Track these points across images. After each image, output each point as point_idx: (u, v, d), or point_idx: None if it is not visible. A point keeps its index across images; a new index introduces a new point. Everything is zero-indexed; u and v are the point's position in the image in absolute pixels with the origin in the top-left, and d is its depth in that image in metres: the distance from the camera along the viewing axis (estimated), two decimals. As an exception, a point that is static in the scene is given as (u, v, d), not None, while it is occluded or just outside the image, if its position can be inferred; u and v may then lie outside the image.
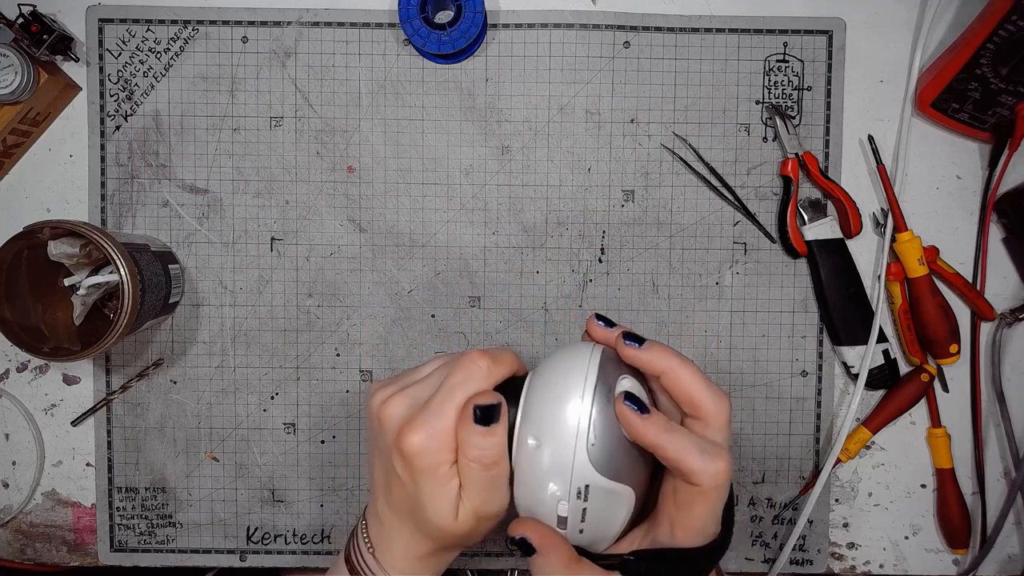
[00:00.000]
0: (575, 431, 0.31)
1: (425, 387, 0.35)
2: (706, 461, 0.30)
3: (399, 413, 0.34)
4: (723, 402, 0.32)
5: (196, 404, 0.53)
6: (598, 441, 0.31)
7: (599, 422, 0.31)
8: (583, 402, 0.32)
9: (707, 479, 0.30)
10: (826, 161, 0.53)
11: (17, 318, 0.45)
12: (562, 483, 0.31)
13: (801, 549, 0.53)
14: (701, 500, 0.30)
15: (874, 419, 0.52)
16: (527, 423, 0.33)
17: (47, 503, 0.54)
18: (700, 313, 0.53)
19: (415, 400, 0.35)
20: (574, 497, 0.31)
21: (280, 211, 0.53)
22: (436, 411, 0.33)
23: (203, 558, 0.53)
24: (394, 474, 0.34)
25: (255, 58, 0.52)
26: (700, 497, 0.30)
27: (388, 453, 0.35)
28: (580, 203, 0.53)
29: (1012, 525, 0.53)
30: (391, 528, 0.36)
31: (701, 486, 0.30)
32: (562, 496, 0.31)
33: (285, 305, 0.53)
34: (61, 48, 0.50)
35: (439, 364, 0.36)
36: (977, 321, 0.53)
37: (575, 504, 0.31)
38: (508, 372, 0.35)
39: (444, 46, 0.49)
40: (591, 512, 0.32)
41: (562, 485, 0.31)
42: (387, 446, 0.35)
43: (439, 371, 0.36)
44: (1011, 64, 0.46)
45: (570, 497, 0.31)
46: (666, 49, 0.52)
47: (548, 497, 0.32)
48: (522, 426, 0.33)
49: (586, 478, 0.31)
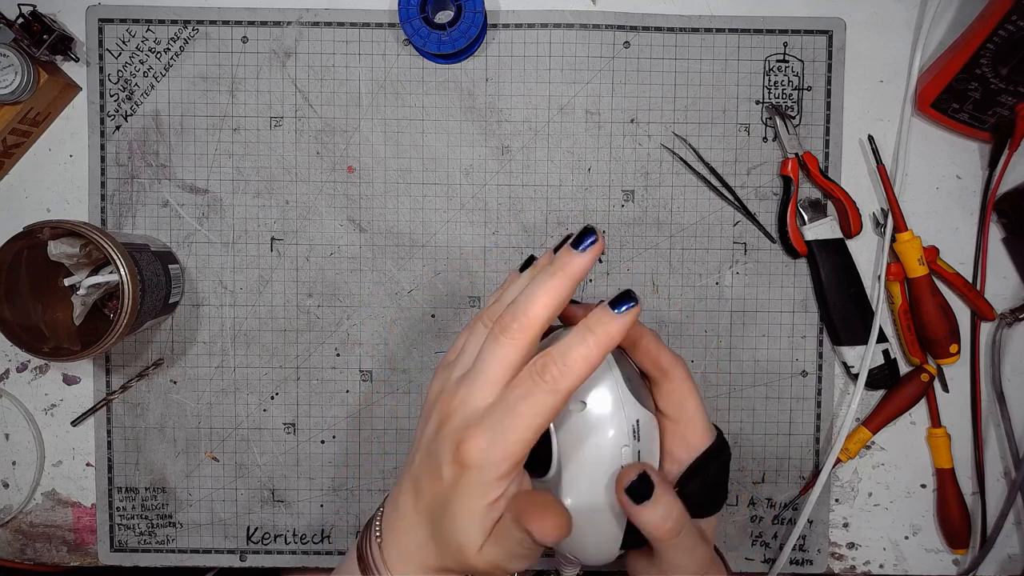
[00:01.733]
0: (611, 375, 0.33)
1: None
2: (675, 354, 0.35)
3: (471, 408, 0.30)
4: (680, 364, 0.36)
5: (196, 404, 0.53)
6: (628, 376, 0.33)
7: (618, 359, 0.34)
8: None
9: (681, 370, 0.35)
10: (826, 161, 0.53)
11: (17, 318, 0.45)
12: (618, 427, 0.32)
13: (801, 549, 0.53)
14: (687, 393, 0.34)
15: (874, 419, 0.52)
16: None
17: (47, 503, 0.54)
18: (700, 313, 0.53)
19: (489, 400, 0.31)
20: (632, 438, 0.32)
21: (280, 211, 0.53)
22: (511, 426, 0.29)
23: (203, 558, 0.53)
24: (437, 471, 0.30)
25: (255, 58, 0.52)
26: (684, 389, 0.34)
27: (441, 445, 0.30)
28: (580, 203, 0.53)
29: (1012, 525, 0.53)
30: (407, 523, 0.33)
31: (678, 378, 0.34)
32: (623, 440, 0.32)
33: (285, 305, 0.53)
34: (61, 48, 0.50)
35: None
36: (977, 321, 0.53)
37: (633, 446, 0.32)
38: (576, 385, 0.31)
39: (444, 46, 0.49)
40: (643, 453, 0.33)
41: (620, 428, 0.32)
42: (443, 437, 0.30)
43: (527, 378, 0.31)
44: (1011, 64, 0.46)
45: (629, 439, 0.32)
46: (666, 49, 0.52)
47: (609, 450, 0.32)
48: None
49: (635, 413, 0.33)
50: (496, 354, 0.30)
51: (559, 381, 0.29)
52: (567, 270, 0.30)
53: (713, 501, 0.35)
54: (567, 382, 0.29)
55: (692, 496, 0.33)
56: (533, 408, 0.29)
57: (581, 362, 0.29)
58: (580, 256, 0.30)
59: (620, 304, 0.29)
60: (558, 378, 0.29)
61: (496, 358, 0.30)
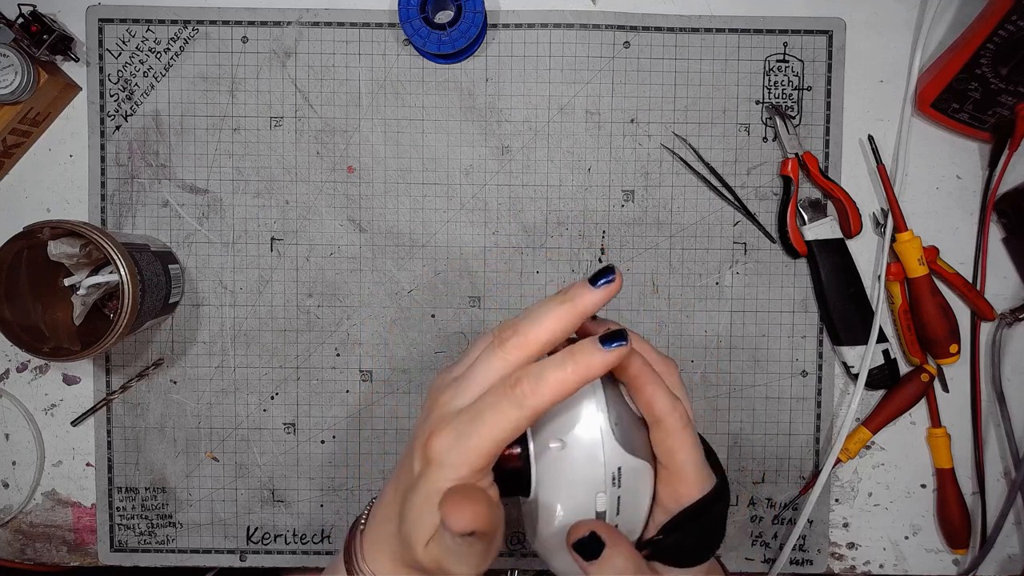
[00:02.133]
0: (597, 417, 0.32)
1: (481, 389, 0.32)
2: (673, 401, 0.33)
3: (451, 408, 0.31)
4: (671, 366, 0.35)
5: (196, 404, 0.53)
6: (618, 420, 0.32)
7: (612, 401, 0.32)
8: (596, 389, 0.32)
9: (674, 419, 0.32)
10: (826, 161, 0.53)
11: (17, 318, 0.45)
12: (595, 472, 0.31)
13: (801, 549, 0.53)
14: (678, 443, 0.32)
15: (874, 419, 0.52)
16: (544, 431, 0.32)
17: (47, 503, 0.54)
18: (700, 313, 0.53)
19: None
20: (610, 484, 0.31)
21: (280, 211, 0.53)
22: (474, 431, 0.29)
23: (203, 558, 0.53)
24: (411, 461, 0.32)
25: (255, 58, 0.52)
26: (676, 440, 0.32)
27: (418, 437, 0.32)
28: (580, 203, 0.53)
29: (1012, 525, 0.53)
30: (385, 512, 0.34)
31: (670, 428, 0.32)
32: (599, 487, 0.31)
33: (285, 305, 0.53)
34: (61, 48, 0.50)
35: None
36: (977, 321, 0.53)
37: (612, 492, 0.31)
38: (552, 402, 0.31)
39: (444, 46, 0.49)
40: (624, 500, 0.32)
41: (596, 474, 0.31)
42: (422, 430, 0.32)
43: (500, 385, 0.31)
44: (1011, 64, 0.46)
45: (607, 486, 0.31)
46: (666, 49, 0.52)
47: (584, 494, 0.32)
48: (539, 436, 0.32)
49: (617, 460, 0.32)
50: (488, 364, 0.31)
51: (527, 397, 0.29)
52: (576, 302, 0.31)
53: (697, 553, 0.34)
54: (535, 400, 0.29)
55: (673, 548, 0.33)
56: (497, 418, 0.29)
57: (554, 384, 0.29)
58: (592, 292, 0.31)
59: (609, 342, 0.29)
60: (527, 394, 0.29)
61: (486, 367, 0.31)
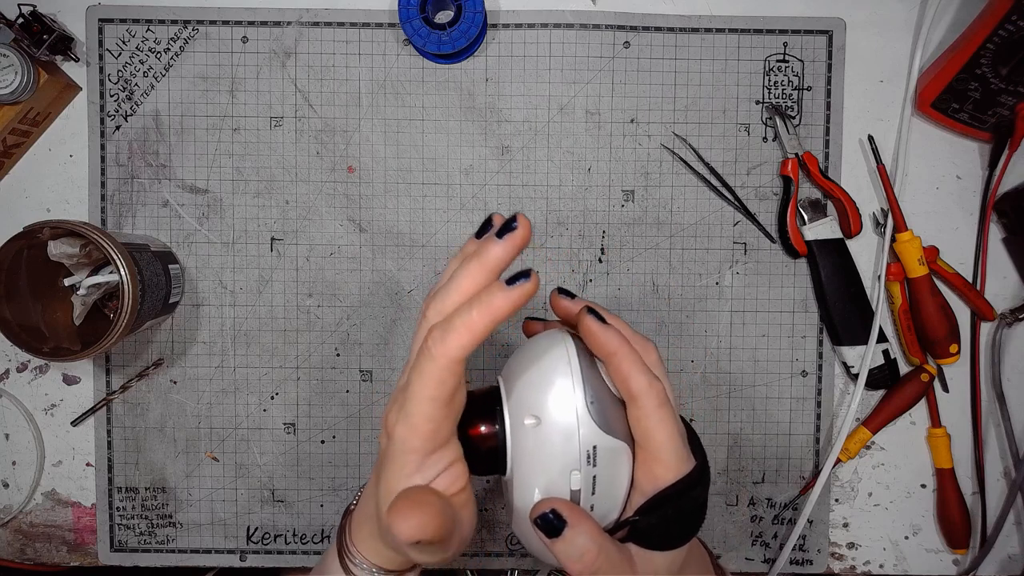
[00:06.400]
0: (572, 395, 0.31)
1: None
2: (651, 379, 0.32)
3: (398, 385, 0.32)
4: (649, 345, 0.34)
5: (196, 404, 0.53)
6: (594, 399, 0.32)
7: (589, 379, 0.32)
8: (571, 366, 0.32)
9: (651, 398, 0.31)
10: (826, 161, 0.53)
11: (17, 318, 0.45)
12: (570, 450, 0.31)
13: (801, 549, 0.53)
14: (655, 423, 0.31)
15: (874, 419, 0.52)
16: (520, 408, 0.32)
17: (47, 503, 0.54)
18: (700, 313, 0.53)
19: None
20: (584, 463, 0.31)
21: (280, 211, 0.53)
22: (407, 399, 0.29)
23: (203, 558, 0.53)
24: (381, 440, 0.32)
25: (255, 58, 0.52)
26: (652, 420, 0.31)
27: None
28: (580, 203, 0.53)
29: (1012, 525, 0.53)
30: (369, 490, 0.35)
31: (646, 406, 0.31)
32: (573, 465, 0.31)
33: (285, 305, 0.53)
34: (61, 48, 0.50)
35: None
36: (977, 321, 0.53)
37: (587, 472, 0.31)
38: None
39: (444, 46, 0.49)
40: (600, 479, 0.32)
41: (571, 452, 0.31)
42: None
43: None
44: (1011, 64, 0.46)
45: (581, 464, 0.31)
46: (666, 49, 0.52)
47: (558, 472, 0.31)
48: (515, 414, 0.32)
49: (592, 438, 0.31)
50: (416, 337, 0.31)
51: (437, 347, 0.28)
52: (483, 258, 0.30)
53: (674, 537, 0.33)
54: (443, 348, 0.28)
55: (647, 531, 0.32)
56: (418, 378, 0.29)
57: (461, 329, 0.28)
58: (498, 245, 0.30)
59: (515, 280, 0.28)
60: (437, 344, 0.28)
61: (415, 340, 0.31)
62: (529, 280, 0.28)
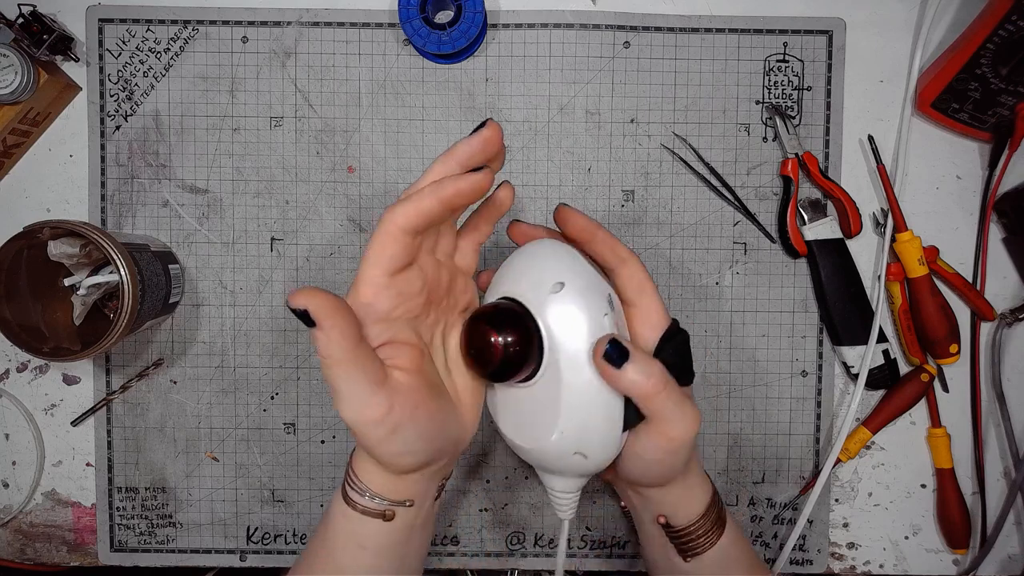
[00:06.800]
0: (580, 259, 0.35)
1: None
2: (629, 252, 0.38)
3: None
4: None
5: (196, 404, 0.53)
6: (592, 263, 0.36)
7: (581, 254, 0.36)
8: (564, 244, 0.36)
9: (637, 258, 0.38)
10: (826, 161, 0.53)
11: (17, 318, 0.45)
12: (597, 296, 0.34)
13: (801, 549, 0.53)
14: (647, 278, 0.38)
15: (874, 419, 0.52)
16: (546, 277, 0.34)
17: (47, 503, 0.54)
18: (700, 313, 0.53)
19: None
20: (609, 308, 0.34)
21: (280, 211, 0.53)
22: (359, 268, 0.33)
23: (203, 558, 0.53)
24: None
25: (255, 58, 0.52)
26: (645, 275, 0.38)
27: None
28: (580, 203, 0.53)
29: (1012, 525, 0.53)
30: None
31: (637, 265, 0.38)
32: (603, 308, 0.34)
33: (285, 305, 0.53)
34: (61, 48, 0.50)
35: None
36: (977, 321, 0.53)
37: (612, 315, 0.34)
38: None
39: (444, 46, 0.49)
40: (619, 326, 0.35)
41: (598, 297, 0.34)
42: None
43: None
44: (1011, 64, 0.46)
45: (608, 308, 0.34)
46: (666, 49, 0.52)
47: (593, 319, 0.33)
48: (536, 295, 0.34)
49: (606, 287, 0.35)
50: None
51: (385, 213, 0.32)
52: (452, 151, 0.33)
53: (688, 370, 0.38)
54: (390, 214, 0.31)
55: (671, 364, 0.35)
56: (368, 246, 0.32)
57: (408, 201, 0.31)
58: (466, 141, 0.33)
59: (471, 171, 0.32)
60: (386, 211, 0.32)
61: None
62: (479, 173, 0.32)
